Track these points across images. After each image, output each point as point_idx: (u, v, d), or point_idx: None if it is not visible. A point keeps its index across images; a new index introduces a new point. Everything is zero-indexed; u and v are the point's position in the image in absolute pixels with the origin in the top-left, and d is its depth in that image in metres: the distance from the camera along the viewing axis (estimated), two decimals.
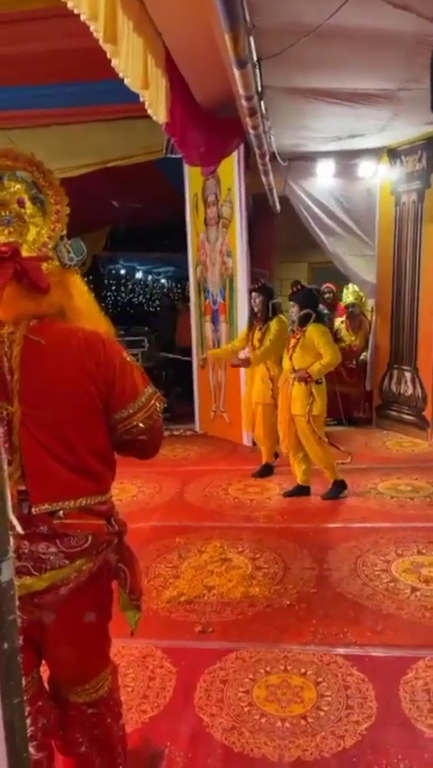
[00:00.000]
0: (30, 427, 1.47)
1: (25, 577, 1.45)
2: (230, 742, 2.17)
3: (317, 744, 2.15)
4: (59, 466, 1.49)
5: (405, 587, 3.24)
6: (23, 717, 0.92)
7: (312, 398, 4.46)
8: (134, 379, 1.60)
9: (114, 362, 1.56)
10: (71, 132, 6.08)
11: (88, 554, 1.53)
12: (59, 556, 1.48)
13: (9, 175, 1.54)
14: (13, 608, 0.89)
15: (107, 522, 1.58)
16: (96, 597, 1.62)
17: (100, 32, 2.95)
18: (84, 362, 1.52)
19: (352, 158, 6.44)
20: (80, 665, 1.66)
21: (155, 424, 1.62)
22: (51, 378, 1.51)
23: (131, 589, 1.67)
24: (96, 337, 1.57)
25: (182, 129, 4.58)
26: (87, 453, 1.54)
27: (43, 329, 1.52)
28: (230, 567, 3.53)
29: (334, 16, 3.15)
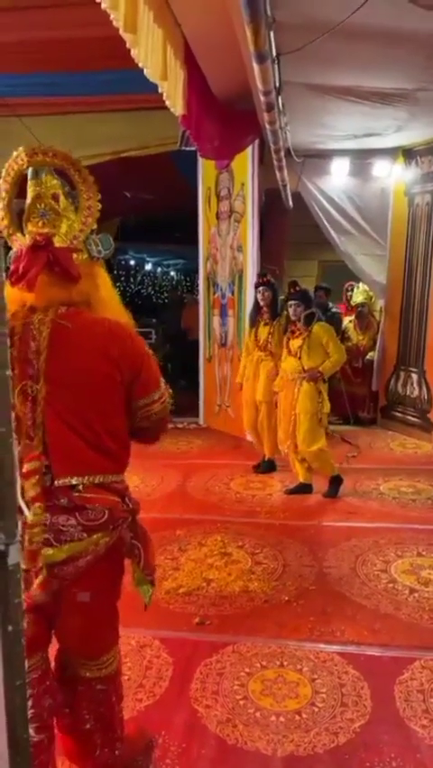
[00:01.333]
0: (54, 405, 1.56)
1: (46, 548, 1.52)
2: (224, 734, 2.19)
3: (311, 740, 2.16)
4: (80, 442, 1.58)
5: (404, 588, 3.25)
6: (24, 699, 0.93)
7: (321, 397, 4.47)
8: (156, 370, 1.73)
9: (140, 352, 1.68)
10: (87, 121, 6.07)
11: (105, 529, 1.60)
12: (78, 529, 1.56)
13: (47, 171, 1.61)
14: (19, 592, 0.90)
15: (122, 500, 1.67)
16: (111, 571, 1.70)
17: (120, 21, 2.93)
18: (108, 349, 1.62)
19: (367, 157, 6.41)
20: (94, 637, 1.73)
21: (162, 419, 1.75)
22: (76, 361, 1.60)
23: (145, 564, 1.76)
24: (121, 327, 1.68)
25: (198, 121, 4.57)
26: (105, 433, 1.63)
27: (71, 316, 1.61)
28: (230, 561, 3.54)
29: (355, 14, 3.13)
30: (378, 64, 3.99)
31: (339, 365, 4.62)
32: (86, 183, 1.66)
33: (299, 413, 4.51)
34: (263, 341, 5.05)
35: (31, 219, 1.62)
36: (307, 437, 4.52)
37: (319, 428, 4.54)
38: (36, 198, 1.61)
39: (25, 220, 1.63)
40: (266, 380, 5.01)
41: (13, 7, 4.01)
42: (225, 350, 6.58)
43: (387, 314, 6.81)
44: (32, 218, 1.61)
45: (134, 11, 3.02)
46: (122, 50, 3.18)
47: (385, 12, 3.15)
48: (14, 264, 1.59)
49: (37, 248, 1.57)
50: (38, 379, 1.55)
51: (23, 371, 1.55)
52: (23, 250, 1.59)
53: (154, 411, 1.70)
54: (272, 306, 5.03)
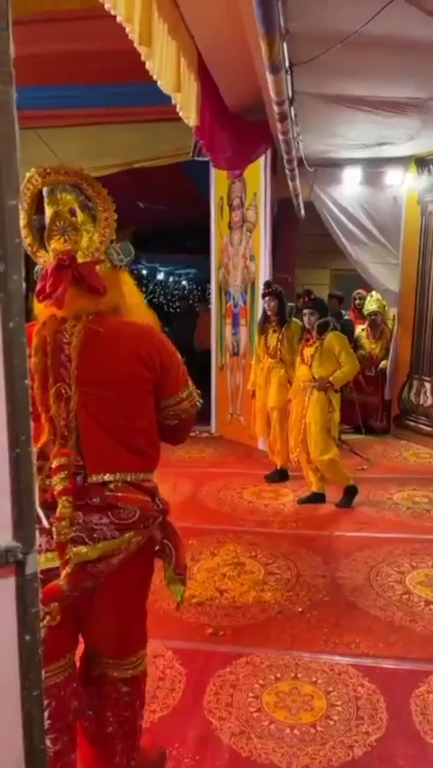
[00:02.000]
0: (87, 406, 1.62)
1: (80, 546, 1.56)
2: (238, 746, 2.16)
3: (326, 753, 2.13)
4: (112, 441, 1.64)
5: (419, 600, 3.21)
6: (40, 709, 0.92)
7: (332, 407, 4.45)
8: (184, 370, 1.81)
9: (169, 352, 1.75)
10: (101, 133, 6.13)
11: (137, 528, 1.64)
12: (111, 527, 1.60)
13: (61, 188, 1.65)
14: (37, 602, 0.90)
15: (152, 499, 1.71)
16: (142, 569, 1.75)
17: (135, 34, 2.96)
18: (138, 350, 1.68)
19: (379, 166, 6.40)
20: (124, 636, 1.75)
21: (188, 418, 1.82)
22: (107, 363, 1.66)
23: (176, 563, 1.79)
24: (149, 329, 1.75)
25: (211, 132, 4.60)
26: (135, 433, 1.69)
27: (101, 322, 1.67)
28: (243, 571, 3.52)
29: (368, 24, 3.14)
30: (391, 74, 4.00)
31: (351, 376, 4.58)
32: (100, 196, 1.69)
33: (309, 422, 4.49)
34: (273, 348, 5.05)
35: (52, 237, 1.67)
36: (317, 447, 4.49)
37: (329, 438, 4.50)
38: (55, 217, 1.65)
39: (47, 238, 1.69)
40: (278, 387, 5.01)
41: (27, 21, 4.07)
42: (238, 359, 6.57)
43: (400, 322, 6.78)
44: (53, 236, 1.66)
45: (149, 24, 3.05)
46: (135, 63, 3.21)
47: (397, 22, 3.16)
48: (41, 283, 1.65)
49: (61, 267, 1.62)
50: (71, 385, 1.61)
51: (58, 376, 1.62)
52: (49, 269, 1.64)
53: (183, 409, 1.77)
54: (280, 314, 5.03)
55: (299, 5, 3.04)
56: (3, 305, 0.82)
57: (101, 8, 2.76)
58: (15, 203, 0.81)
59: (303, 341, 4.65)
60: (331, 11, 3.17)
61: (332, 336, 4.47)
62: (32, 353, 1.60)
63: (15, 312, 0.83)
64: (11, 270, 0.82)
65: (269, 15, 2.38)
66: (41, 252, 1.71)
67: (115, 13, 2.81)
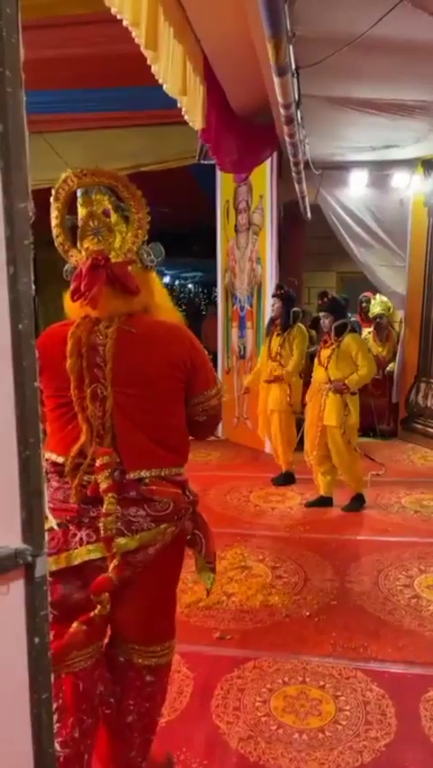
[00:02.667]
0: (123, 406, 1.67)
1: (120, 537, 1.61)
2: (246, 751, 2.15)
3: (335, 758, 2.12)
4: (146, 439, 1.70)
5: (428, 603, 3.19)
6: (50, 713, 0.92)
7: (348, 410, 4.41)
8: (211, 367, 1.87)
9: (198, 350, 1.80)
10: (107, 137, 6.16)
11: (171, 519, 1.70)
12: (147, 519, 1.66)
13: (96, 189, 1.68)
14: (46, 604, 0.89)
15: (183, 491, 1.77)
16: (175, 559, 1.81)
17: (142, 38, 2.97)
18: (170, 350, 1.73)
19: (386, 168, 6.39)
20: (153, 624, 1.79)
21: (215, 414, 1.88)
22: (141, 363, 1.71)
23: (206, 552, 1.87)
24: (179, 328, 1.81)
25: (217, 136, 4.60)
26: (168, 429, 1.75)
27: (133, 322, 1.72)
28: (250, 575, 3.51)
29: (374, 27, 3.14)
30: (397, 76, 3.99)
31: (368, 379, 4.53)
32: (134, 198, 1.71)
33: (325, 424, 4.46)
34: (275, 351, 5.04)
35: (85, 237, 1.70)
36: (334, 449, 4.47)
37: (344, 440, 4.47)
38: (88, 217, 1.68)
39: (80, 237, 1.71)
40: (278, 391, 5.01)
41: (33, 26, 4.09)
42: (244, 362, 6.57)
43: (407, 325, 6.76)
44: (86, 235, 1.69)
45: (155, 28, 3.06)
46: (141, 67, 3.22)
47: (404, 24, 3.15)
48: (75, 282, 1.68)
49: (96, 267, 1.65)
50: (106, 382, 1.66)
51: (93, 376, 1.66)
52: (83, 269, 1.66)
53: (211, 406, 1.83)
54: (284, 318, 5.02)
55: (306, 8, 3.05)
56: (12, 307, 0.82)
57: (107, 13, 2.78)
58: (24, 206, 0.81)
59: (321, 342, 4.63)
60: (337, 14, 3.18)
61: (350, 338, 4.44)
62: (68, 355, 1.65)
63: (25, 314, 0.83)
64: (20, 273, 0.82)
65: (276, 19, 2.39)
66: (72, 251, 1.73)
67: (122, 18, 2.82)
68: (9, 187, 0.80)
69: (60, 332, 1.70)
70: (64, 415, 1.69)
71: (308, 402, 4.66)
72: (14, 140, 0.80)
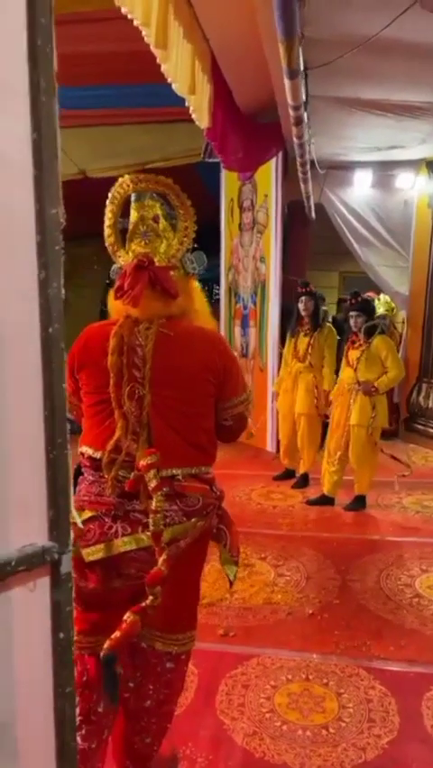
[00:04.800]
0: (158, 407, 1.73)
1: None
2: (251, 747, 2.18)
3: (339, 755, 2.14)
4: (179, 439, 1.76)
5: (429, 603, 3.21)
6: (72, 706, 0.94)
7: (375, 411, 4.42)
8: (241, 378, 1.91)
9: (231, 358, 1.88)
10: (113, 133, 6.17)
11: (200, 514, 1.77)
12: (179, 514, 1.73)
13: (149, 195, 1.76)
14: (70, 600, 0.91)
15: (210, 488, 1.83)
16: (201, 552, 1.88)
17: (152, 38, 2.98)
18: (206, 355, 1.79)
19: (390, 169, 6.41)
20: (175, 612, 1.83)
21: (242, 420, 1.93)
22: (178, 366, 1.76)
23: (231, 546, 1.93)
24: (215, 335, 1.91)
25: (223, 134, 4.61)
26: (200, 430, 1.81)
27: (172, 326, 1.77)
28: (253, 572, 3.54)
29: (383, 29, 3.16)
30: (404, 78, 4.01)
31: (397, 381, 4.55)
32: (184, 206, 1.78)
33: (352, 425, 4.45)
34: (303, 352, 4.93)
35: (134, 239, 1.78)
36: (356, 449, 4.48)
37: (370, 442, 4.48)
38: (139, 220, 1.76)
39: (129, 239, 1.79)
40: (305, 393, 4.90)
41: None
42: (247, 360, 6.59)
43: (410, 325, 6.78)
44: (134, 238, 1.78)
45: (165, 27, 3.07)
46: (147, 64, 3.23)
47: (413, 28, 3.17)
48: (120, 280, 1.76)
49: (140, 268, 1.72)
50: (144, 384, 1.72)
51: (131, 376, 1.72)
52: (128, 268, 1.74)
53: (239, 412, 1.88)
54: (314, 317, 4.92)
55: (315, 9, 3.06)
56: (43, 311, 0.84)
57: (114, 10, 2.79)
58: (56, 212, 0.83)
59: (349, 342, 4.58)
60: (346, 15, 3.20)
61: (379, 340, 4.44)
62: (110, 352, 1.71)
63: (55, 318, 0.84)
64: (51, 278, 0.83)
65: (289, 21, 2.40)
66: (120, 252, 1.81)
67: (133, 17, 2.83)
68: (41, 193, 0.82)
69: (103, 331, 1.77)
70: (102, 411, 1.74)
71: (334, 402, 4.62)
72: (47, 148, 0.82)
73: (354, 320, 4.49)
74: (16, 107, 0.80)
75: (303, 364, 4.93)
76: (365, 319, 4.47)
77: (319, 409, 4.90)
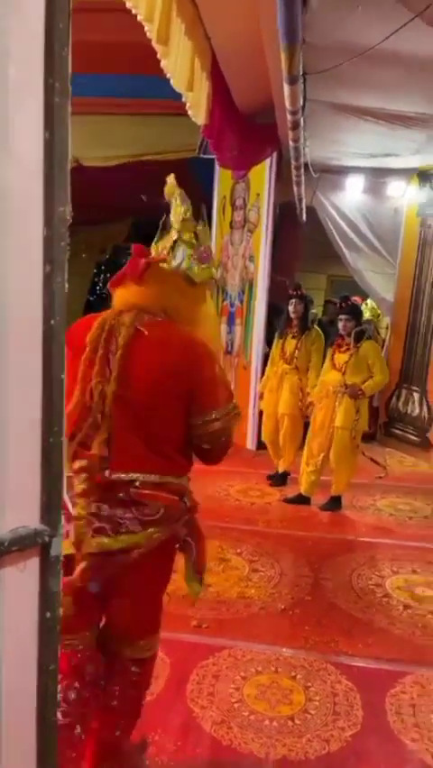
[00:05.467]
0: (121, 404, 1.67)
1: (103, 537, 1.64)
2: (219, 735, 2.24)
3: (303, 745, 2.21)
4: (141, 443, 1.69)
5: (398, 603, 3.30)
6: (55, 683, 0.99)
7: (359, 414, 4.51)
8: (217, 392, 1.76)
9: (209, 366, 1.75)
10: (109, 123, 6.14)
11: (159, 524, 1.69)
12: (134, 522, 1.66)
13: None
14: (59, 582, 0.95)
15: (181, 499, 1.75)
16: (161, 564, 1.80)
17: (153, 33, 3.00)
18: (177, 360, 1.71)
19: (382, 176, 6.49)
20: (136, 622, 1.81)
21: (219, 440, 1.78)
22: (144, 369, 1.69)
23: (196, 562, 1.86)
24: (194, 343, 1.75)
25: (219, 132, 4.64)
26: (163, 440, 1.72)
27: (151, 324, 1.72)
28: (228, 567, 3.59)
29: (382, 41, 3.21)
30: (401, 88, 4.07)
31: (382, 386, 4.67)
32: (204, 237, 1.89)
33: (337, 427, 4.53)
34: (290, 354, 4.99)
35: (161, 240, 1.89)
36: (337, 450, 4.55)
37: (352, 444, 4.56)
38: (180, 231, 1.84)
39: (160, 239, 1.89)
40: (290, 394, 4.97)
41: None
42: (231, 357, 6.64)
43: (393, 331, 6.88)
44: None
45: (168, 23, 3.08)
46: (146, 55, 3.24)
47: (413, 39, 3.23)
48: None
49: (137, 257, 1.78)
50: (111, 376, 1.67)
51: (102, 368, 1.68)
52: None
53: (212, 430, 1.73)
54: (303, 320, 4.99)
55: (316, 16, 3.10)
56: (46, 303, 0.87)
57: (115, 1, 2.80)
58: (64, 209, 0.87)
59: (335, 346, 4.64)
60: (347, 23, 3.24)
61: (368, 345, 4.54)
62: (88, 340, 1.69)
63: (57, 311, 0.88)
64: (56, 272, 0.87)
65: (292, 28, 2.44)
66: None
67: (136, 12, 2.85)
68: (51, 190, 0.86)
69: (89, 322, 1.75)
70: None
71: (318, 405, 4.68)
72: (59, 147, 0.85)
73: (343, 323, 4.56)
74: (31, 107, 0.83)
75: (289, 366, 5.00)
76: (354, 323, 4.54)
77: (303, 411, 4.97)
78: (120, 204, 8.01)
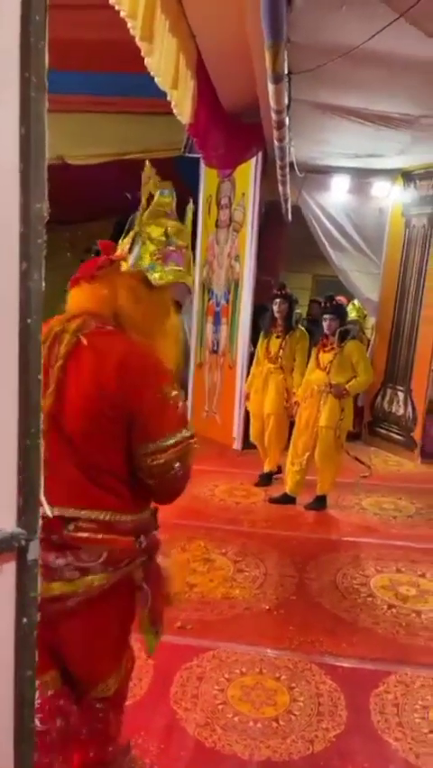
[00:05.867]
0: (54, 426, 1.40)
1: None
2: (202, 737, 2.22)
3: (287, 746, 2.20)
4: (79, 474, 1.44)
5: (382, 603, 3.31)
6: (33, 690, 0.96)
7: (343, 414, 4.52)
8: (163, 418, 1.48)
9: (147, 390, 1.46)
10: (95, 121, 6.11)
11: (103, 570, 1.45)
12: (69, 568, 1.42)
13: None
14: (36, 586, 0.93)
15: (136, 539, 1.52)
16: (110, 610, 1.54)
17: (137, 30, 2.97)
18: (115, 380, 1.44)
19: (367, 176, 6.52)
20: (89, 669, 1.59)
21: (166, 476, 1.49)
22: (81, 385, 1.45)
23: (150, 610, 1.59)
24: (139, 357, 1.49)
25: (205, 131, 4.63)
26: (105, 471, 1.47)
27: (96, 334, 1.49)
28: (212, 567, 3.58)
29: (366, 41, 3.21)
30: (385, 88, 4.09)
31: (366, 385, 4.71)
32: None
33: (321, 426, 4.53)
34: (274, 353, 5.01)
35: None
36: (322, 450, 4.56)
37: (339, 443, 4.58)
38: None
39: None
40: (275, 393, 4.99)
41: None
42: (217, 357, 6.63)
43: (378, 331, 6.91)
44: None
45: (152, 20, 3.05)
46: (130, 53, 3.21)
47: (397, 39, 3.23)
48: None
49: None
50: (46, 392, 1.40)
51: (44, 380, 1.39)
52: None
53: (156, 464, 1.45)
54: (287, 319, 5.01)
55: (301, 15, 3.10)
56: (22, 302, 0.85)
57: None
58: (41, 206, 0.85)
59: (319, 345, 4.65)
60: (331, 23, 3.24)
61: (352, 344, 4.55)
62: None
63: (34, 310, 0.86)
64: (32, 270, 0.85)
65: (277, 27, 2.43)
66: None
67: (119, 8, 2.83)
68: (27, 186, 0.83)
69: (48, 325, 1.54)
70: None
71: (303, 404, 4.68)
72: (35, 142, 0.83)
73: (328, 323, 4.57)
74: (6, 101, 0.81)
75: (274, 365, 5.02)
76: (339, 323, 4.55)
77: (288, 410, 4.97)
78: (105, 202, 7.97)
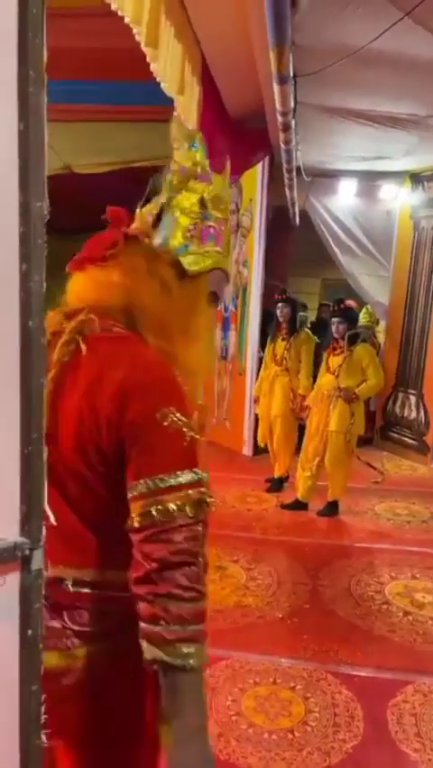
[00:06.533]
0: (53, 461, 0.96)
1: None
2: (216, 749, 2.18)
3: (303, 758, 2.15)
4: (75, 517, 1.09)
5: (398, 610, 3.25)
6: (38, 704, 0.93)
7: (353, 418, 4.48)
8: (167, 453, 1.05)
9: (149, 413, 1.03)
10: (101, 130, 6.12)
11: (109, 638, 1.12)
12: (68, 634, 1.09)
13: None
14: (40, 597, 0.90)
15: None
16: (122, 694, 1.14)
17: (142, 36, 2.97)
18: (110, 399, 1.04)
19: (374, 179, 6.48)
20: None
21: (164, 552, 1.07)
22: (73, 403, 1.07)
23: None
24: (140, 375, 1.07)
25: (210, 136, 4.61)
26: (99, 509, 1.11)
27: (101, 341, 1.11)
28: (224, 575, 3.54)
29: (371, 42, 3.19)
30: (392, 90, 4.06)
31: (376, 389, 4.66)
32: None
33: (331, 431, 4.49)
34: (280, 356, 5.04)
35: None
36: (332, 454, 4.51)
37: (349, 447, 4.53)
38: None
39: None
40: (281, 395, 5.00)
41: None
42: (226, 363, 6.60)
43: (388, 335, 6.86)
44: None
45: (156, 26, 3.06)
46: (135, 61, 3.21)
47: (403, 40, 3.21)
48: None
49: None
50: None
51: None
52: None
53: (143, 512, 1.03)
54: (291, 322, 5.03)
55: (306, 17, 3.08)
56: (23, 304, 0.83)
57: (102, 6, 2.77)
58: (41, 204, 0.82)
59: (329, 349, 4.62)
60: (337, 24, 3.22)
61: (361, 348, 4.51)
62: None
63: (35, 311, 0.84)
64: (33, 271, 0.83)
65: (281, 27, 2.42)
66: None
67: (123, 15, 2.82)
68: (26, 185, 0.81)
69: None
70: None
71: (313, 408, 4.65)
72: (34, 139, 0.81)
73: (336, 326, 4.53)
74: (4, 97, 0.79)
75: (280, 368, 5.04)
76: (348, 326, 4.51)
77: (295, 412, 4.95)
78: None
